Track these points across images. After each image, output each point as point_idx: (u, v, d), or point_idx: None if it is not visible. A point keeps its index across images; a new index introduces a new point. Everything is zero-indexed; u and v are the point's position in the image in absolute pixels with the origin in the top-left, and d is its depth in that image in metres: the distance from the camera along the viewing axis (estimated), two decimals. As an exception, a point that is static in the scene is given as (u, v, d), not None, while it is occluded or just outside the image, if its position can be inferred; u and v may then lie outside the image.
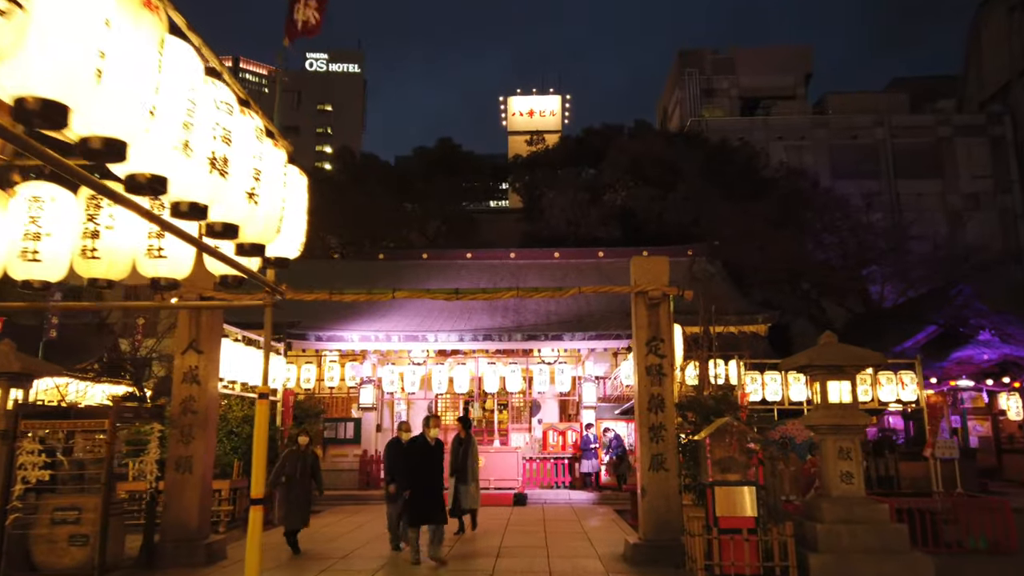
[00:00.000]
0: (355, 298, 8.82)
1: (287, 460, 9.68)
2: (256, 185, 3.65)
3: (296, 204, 4.46)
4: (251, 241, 3.98)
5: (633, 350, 9.16)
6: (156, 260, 4.44)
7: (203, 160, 3.16)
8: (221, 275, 4.64)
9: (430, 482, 8.41)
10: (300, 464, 9.69)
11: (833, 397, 7.77)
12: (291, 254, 4.52)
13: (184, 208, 3.23)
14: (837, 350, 7.81)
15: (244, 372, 11.68)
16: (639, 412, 8.72)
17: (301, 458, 9.73)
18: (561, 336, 16.71)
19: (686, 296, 8.81)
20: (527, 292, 8.98)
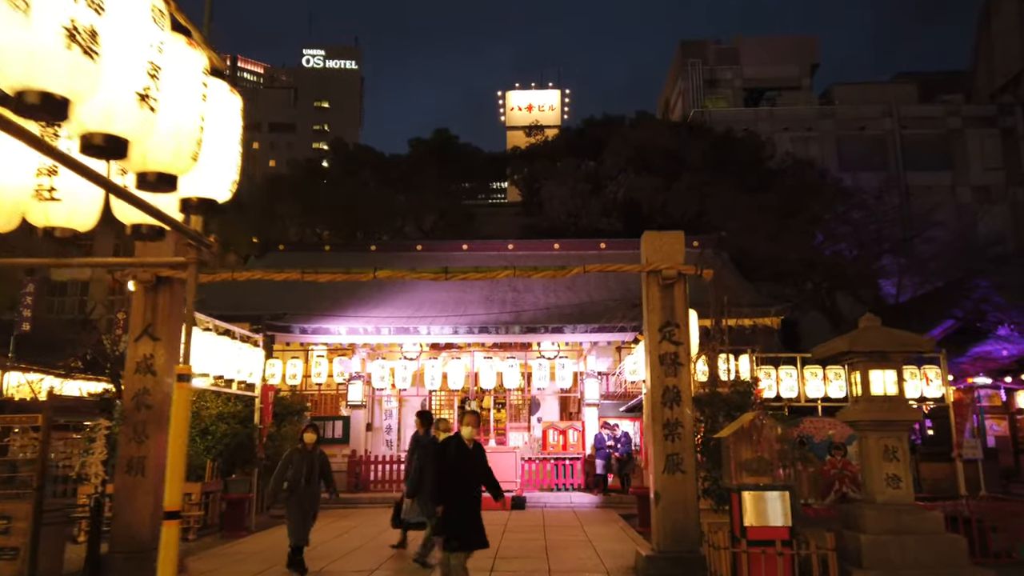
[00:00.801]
0: (331, 277, 7.82)
1: (291, 462, 8.28)
2: (151, 85, 2.64)
3: (224, 130, 3.46)
4: (155, 169, 2.98)
5: (644, 337, 8.16)
6: (47, 204, 3.45)
7: (54, 27, 2.16)
8: (132, 224, 3.64)
9: (465, 494, 6.67)
10: (307, 466, 8.27)
11: (876, 388, 6.79)
12: (219, 194, 3.51)
13: (32, 99, 2.24)
14: (881, 334, 6.82)
15: (218, 365, 10.69)
16: (652, 407, 7.71)
17: (308, 459, 8.30)
18: (562, 328, 15.72)
19: (704, 276, 7.82)
20: (525, 271, 7.99)
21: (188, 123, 3.00)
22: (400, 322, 16.08)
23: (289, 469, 8.20)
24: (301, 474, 8.17)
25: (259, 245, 22.64)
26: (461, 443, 6.80)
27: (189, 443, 11.47)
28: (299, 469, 8.19)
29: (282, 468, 8.27)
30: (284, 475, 8.21)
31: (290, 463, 8.26)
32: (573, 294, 19.18)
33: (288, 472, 8.19)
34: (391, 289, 19.41)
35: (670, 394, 7.69)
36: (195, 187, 3.39)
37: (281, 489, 8.21)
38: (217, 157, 3.39)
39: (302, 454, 8.31)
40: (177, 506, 3.57)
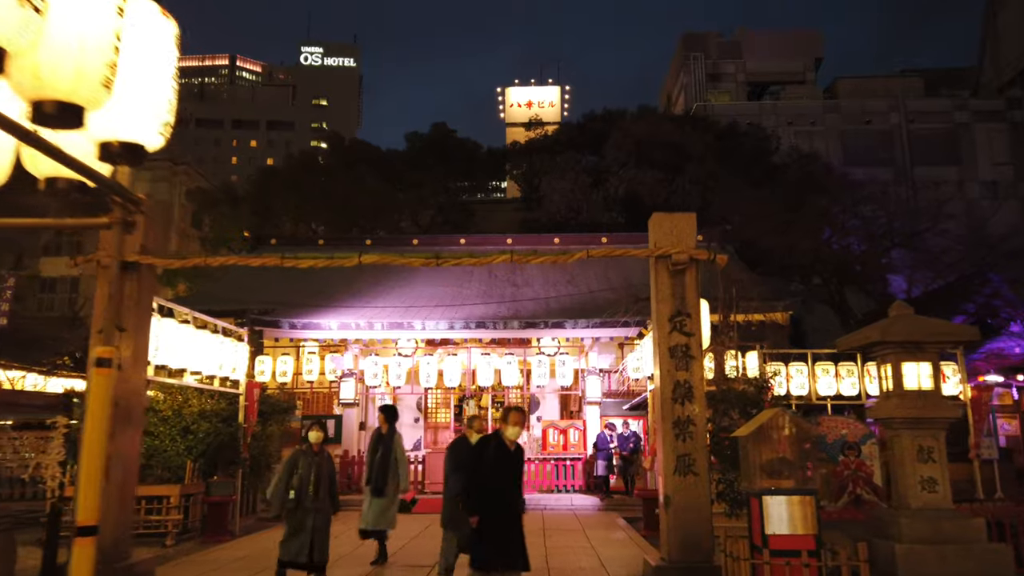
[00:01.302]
0: (313, 263, 7.18)
1: (295, 466, 6.95)
2: (34, -23, 2.02)
3: (151, 59, 2.82)
4: (52, 96, 2.35)
5: (652, 328, 7.54)
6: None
7: None
8: (46, 178, 3.01)
9: (507, 506, 5.74)
10: (315, 472, 6.92)
11: (910, 383, 6.17)
12: (146, 138, 2.88)
13: None
14: (914, 323, 6.20)
15: (197, 360, 10.04)
16: (661, 404, 7.08)
17: (315, 463, 6.98)
18: (563, 323, 15.10)
19: (718, 262, 7.20)
20: (523, 256, 7.36)
21: (95, 38, 2.37)
22: (394, 317, 15.45)
23: (294, 475, 6.89)
24: (308, 482, 6.87)
25: (250, 239, 22.01)
26: (502, 445, 5.81)
27: (169, 443, 10.87)
28: (306, 476, 6.89)
29: (285, 474, 6.96)
30: (289, 482, 6.89)
31: (295, 468, 6.93)
32: (574, 288, 18.56)
33: (293, 479, 6.88)
34: (386, 284, 18.79)
35: (681, 389, 7.06)
36: (114, 128, 2.76)
37: (286, 499, 6.87)
38: (141, 90, 2.76)
39: (308, 457, 7.02)
40: (91, 520, 2.92)
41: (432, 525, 12.05)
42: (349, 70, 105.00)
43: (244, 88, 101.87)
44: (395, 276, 19.60)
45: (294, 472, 6.96)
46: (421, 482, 15.36)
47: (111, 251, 7.24)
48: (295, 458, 7.07)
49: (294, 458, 7.08)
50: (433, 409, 18.96)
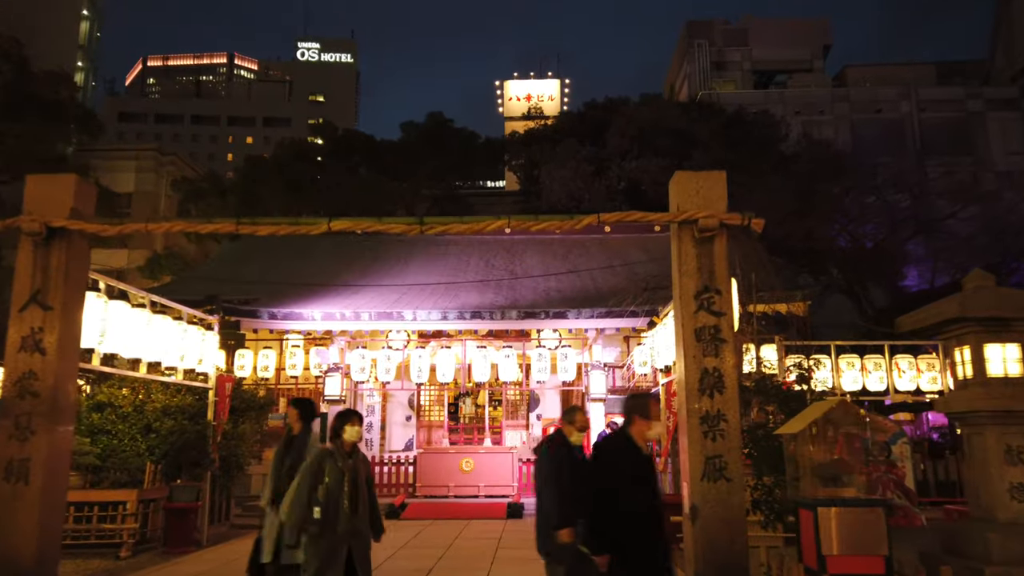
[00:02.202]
0: (274, 229, 6.05)
1: (321, 473, 4.98)
2: None
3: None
4: None
5: (674, 308, 6.41)
6: None
7: None
8: None
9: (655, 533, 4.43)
10: (350, 482, 5.00)
11: (995, 368, 5.05)
12: None
13: None
14: (1001, 296, 5.11)
15: (154, 348, 8.92)
16: (686, 396, 5.95)
17: (351, 471, 5.04)
18: (565, 313, 13.98)
19: (753, 227, 6.07)
20: (523, 221, 6.23)
21: None
22: (382, 307, 14.32)
23: (319, 486, 4.92)
24: (341, 494, 4.92)
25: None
26: (635, 447, 4.51)
27: (128, 442, 9.74)
28: (337, 486, 4.93)
29: (306, 484, 4.95)
30: (312, 496, 4.92)
31: (320, 476, 4.94)
32: (576, 279, 17.47)
33: (318, 491, 4.92)
34: (377, 275, 17.70)
35: (710, 379, 5.92)
36: None
37: (309, 519, 4.89)
38: None
39: (339, 460, 5.03)
40: None
41: (423, 532, 10.95)
42: (346, 66, 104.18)
43: (241, 85, 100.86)
44: (386, 266, 18.50)
45: (319, 481, 4.93)
46: (412, 485, 14.25)
47: (36, 214, 6.16)
48: (319, 462, 5.02)
49: (318, 462, 5.02)
50: (426, 407, 17.85)
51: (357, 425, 5.24)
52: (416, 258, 19.20)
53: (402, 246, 20.08)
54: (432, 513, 12.63)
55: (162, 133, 77.69)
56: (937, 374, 12.82)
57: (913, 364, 12.92)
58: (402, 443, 16.93)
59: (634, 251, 19.53)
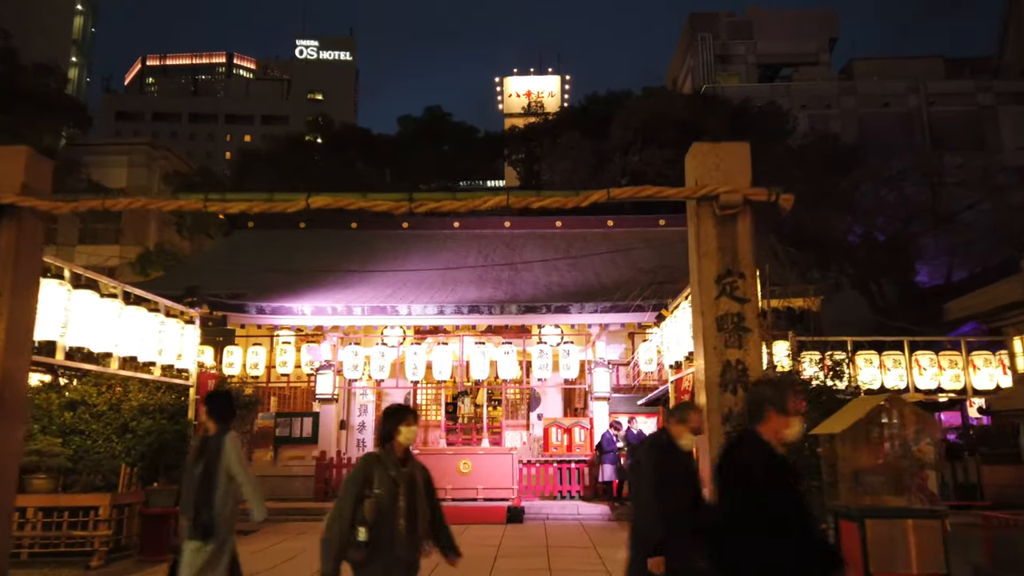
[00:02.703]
0: (247, 206, 5.41)
1: (369, 483, 3.92)
2: None
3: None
4: None
5: (692, 294, 5.79)
6: None
7: None
8: None
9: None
10: (407, 494, 3.98)
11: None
12: None
13: None
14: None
15: (129, 343, 8.30)
16: (706, 392, 5.33)
17: (406, 479, 4.01)
18: (567, 308, 13.34)
19: (782, 204, 5.45)
20: (524, 196, 5.60)
21: None
22: (376, 301, 13.69)
23: (367, 499, 3.87)
24: (395, 510, 3.89)
25: (226, 222, 20.26)
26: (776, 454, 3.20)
27: (103, 443, 9.11)
28: (389, 501, 3.89)
29: (350, 498, 3.88)
30: (356, 513, 3.85)
31: (367, 487, 3.89)
32: (578, 274, 16.84)
33: (364, 506, 3.85)
34: (372, 270, 17.07)
35: (732, 372, 5.29)
36: None
37: (353, 545, 3.82)
38: None
39: (391, 468, 3.97)
40: None
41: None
42: (345, 64, 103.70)
43: (239, 83, 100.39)
44: (382, 261, 17.89)
45: (366, 494, 3.88)
46: (407, 487, 13.60)
47: (-20, 191, 5.53)
48: (366, 470, 3.95)
49: (364, 470, 3.95)
50: (424, 406, 17.21)
51: (413, 425, 4.16)
52: (413, 253, 18.58)
53: (398, 240, 19.48)
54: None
55: (160, 131, 77.13)
56: (960, 371, 12.21)
57: (935, 361, 12.32)
58: (398, 444, 16.28)
59: (638, 245, 18.91)
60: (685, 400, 4.73)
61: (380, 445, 4.13)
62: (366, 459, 4.09)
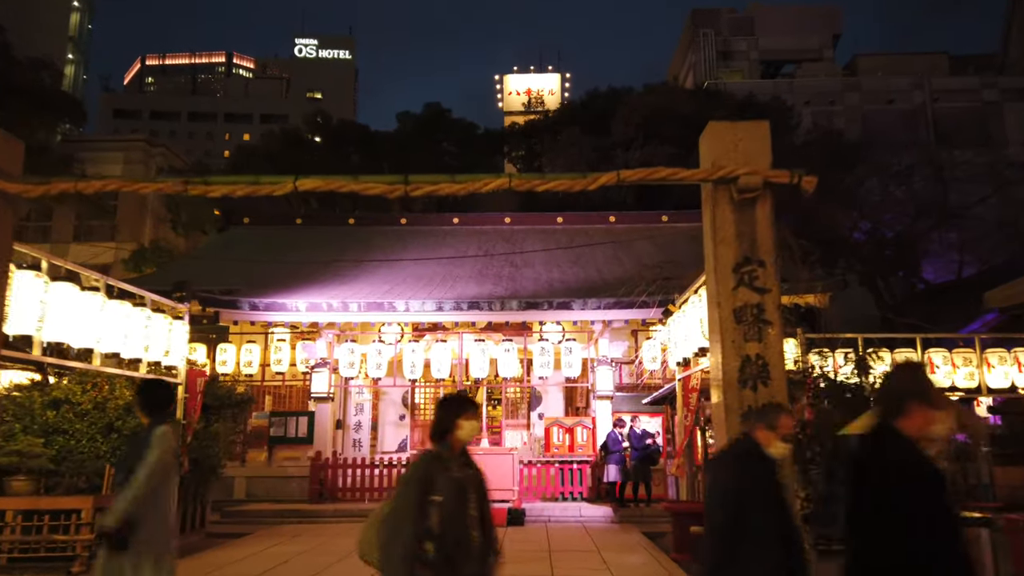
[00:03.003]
0: (230, 189, 5.05)
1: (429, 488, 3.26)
2: None
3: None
4: None
5: (707, 285, 5.45)
6: None
7: None
8: None
9: None
10: (476, 499, 3.40)
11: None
12: None
13: None
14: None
15: (113, 339, 7.92)
16: (723, 390, 4.97)
17: (474, 483, 3.44)
18: (570, 304, 12.97)
19: (804, 187, 5.09)
20: (528, 179, 5.24)
21: None
22: (373, 297, 13.32)
23: (431, 506, 3.24)
24: (465, 519, 3.31)
25: (221, 218, 19.88)
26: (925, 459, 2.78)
27: (87, 443, 8.73)
28: (458, 508, 3.29)
29: (412, 506, 3.24)
30: (423, 523, 3.21)
31: (429, 492, 3.26)
32: (580, 270, 16.48)
33: (430, 515, 3.23)
34: (369, 266, 16.71)
35: (752, 368, 4.94)
36: None
37: (420, 560, 3.17)
38: None
39: (456, 470, 3.37)
40: None
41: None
42: (344, 62, 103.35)
43: (238, 82, 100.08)
44: (380, 257, 17.53)
45: (429, 500, 3.23)
46: (405, 489, 13.23)
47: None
48: (426, 472, 3.32)
49: (424, 472, 3.32)
50: (421, 405, 16.84)
51: (474, 418, 3.49)
52: (413, 248, 18.21)
53: (397, 237, 19.11)
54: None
55: (158, 130, 76.71)
56: (974, 369, 11.84)
57: (948, 359, 11.93)
58: (395, 444, 15.93)
59: (641, 242, 18.54)
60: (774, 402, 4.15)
61: (436, 441, 3.46)
62: (424, 458, 3.43)
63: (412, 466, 3.46)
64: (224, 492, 13.86)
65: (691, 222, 19.59)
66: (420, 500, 3.23)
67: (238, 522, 12.16)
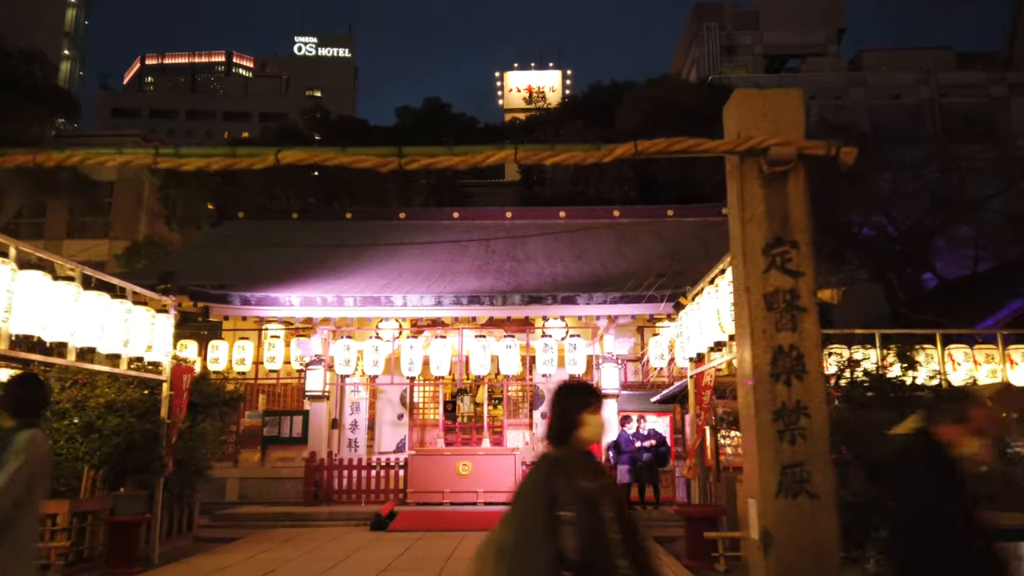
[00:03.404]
0: (205, 163, 4.56)
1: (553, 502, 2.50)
2: None
3: None
4: None
5: (733, 269, 4.95)
6: None
7: None
8: None
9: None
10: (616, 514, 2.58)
11: None
12: None
13: None
14: None
15: (89, 332, 7.42)
16: (754, 384, 4.46)
17: (611, 493, 2.70)
18: (574, 299, 12.47)
19: (842, 160, 4.60)
20: (535, 151, 4.74)
21: None
22: (369, 291, 12.82)
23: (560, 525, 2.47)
24: (607, 544, 2.51)
25: (215, 213, 19.39)
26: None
27: (65, 443, 8.23)
28: (594, 528, 2.49)
29: (541, 526, 2.48)
30: (552, 545, 2.45)
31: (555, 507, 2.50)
32: (584, 264, 15.98)
33: (562, 535, 2.45)
34: (367, 261, 16.22)
35: (786, 360, 4.44)
36: None
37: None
38: None
39: (583, 476, 2.61)
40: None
41: (412, 547, 9.46)
42: (344, 61, 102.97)
43: (237, 81, 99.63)
44: (378, 252, 17.03)
45: (556, 517, 2.49)
46: (403, 491, 12.75)
47: None
48: (547, 483, 2.60)
49: (546, 481, 2.61)
50: (421, 404, 16.34)
51: (600, 412, 2.80)
52: (410, 243, 17.70)
53: (395, 231, 18.60)
54: (424, 524, 11.14)
55: (157, 128, 76.28)
56: (996, 366, 11.38)
57: (969, 355, 11.48)
58: (393, 444, 15.43)
59: (645, 237, 18.06)
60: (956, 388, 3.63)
61: (555, 444, 2.73)
62: (544, 464, 2.67)
63: (529, 476, 2.69)
64: (216, 494, 13.37)
65: (697, 216, 19.10)
66: (548, 519, 2.47)
67: (229, 525, 11.67)
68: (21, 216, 29.08)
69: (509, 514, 2.64)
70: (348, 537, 10.39)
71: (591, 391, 2.90)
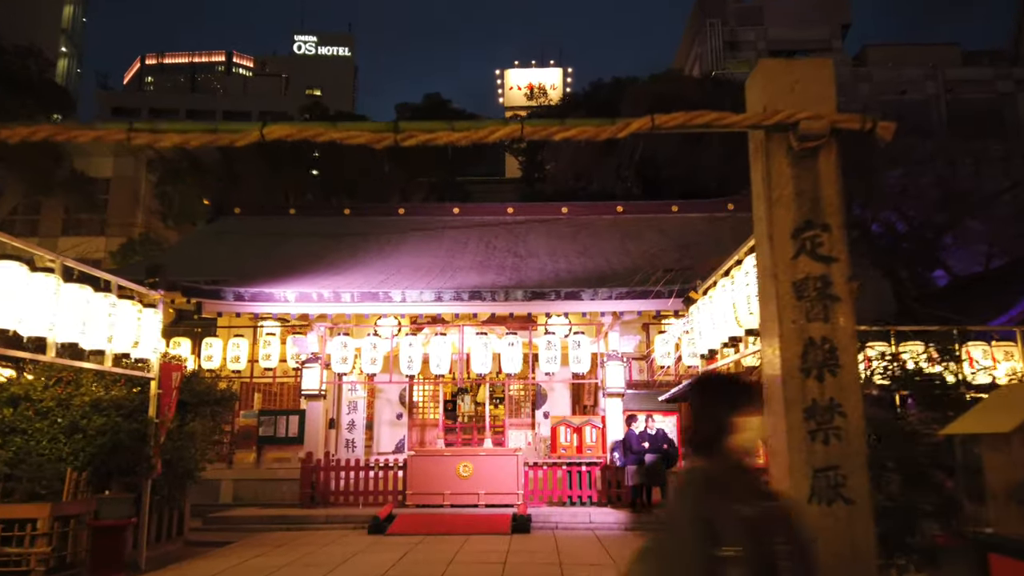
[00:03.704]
0: (183, 140, 4.19)
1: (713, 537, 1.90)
2: None
3: None
4: None
5: (758, 255, 4.55)
6: None
7: None
8: None
9: None
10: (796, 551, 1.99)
11: None
12: None
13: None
14: None
15: (70, 327, 7.05)
16: (782, 379, 4.09)
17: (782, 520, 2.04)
18: (578, 294, 12.08)
19: (880, 134, 4.22)
20: (543, 126, 4.36)
21: None
22: (367, 287, 12.44)
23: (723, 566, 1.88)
24: None
25: (211, 208, 19.02)
26: None
27: (48, 444, 7.84)
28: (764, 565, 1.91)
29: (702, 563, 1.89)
30: None
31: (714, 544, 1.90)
32: (588, 260, 15.60)
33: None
34: (365, 258, 15.85)
35: (818, 354, 4.06)
36: None
37: None
38: None
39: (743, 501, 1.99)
40: None
41: (411, 552, 9.08)
42: (344, 60, 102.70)
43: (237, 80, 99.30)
44: (376, 248, 16.66)
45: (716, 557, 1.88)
46: (402, 492, 12.37)
47: None
48: (701, 506, 1.99)
49: (699, 506, 2.00)
50: (420, 404, 15.98)
51: (755, 412, 2.24)
52: (411, 239, 17.34)
53: (394, 227, 18.24)
54: (424, 527, 10.77)
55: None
56: (1016, 364, 11.00)
57: (988, 353, 11.11)
58: (391, 444, 15.08)
59: (649, 233, 17.69)
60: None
61: (704, 455, 2.18)
62: (694, 482, 2.12)
63: (680, 497, 2.13)
64: (210, 496, 13.02)
65: (703, 212, 18.72)
66: (707, 557, 1.89)
67: (222, 529, 11.31)
68: (16, 213, 28.72)
69: (656, 546, 2.09)
70: (345, 541, 10.03)
71: (743, 386, 2.31)
